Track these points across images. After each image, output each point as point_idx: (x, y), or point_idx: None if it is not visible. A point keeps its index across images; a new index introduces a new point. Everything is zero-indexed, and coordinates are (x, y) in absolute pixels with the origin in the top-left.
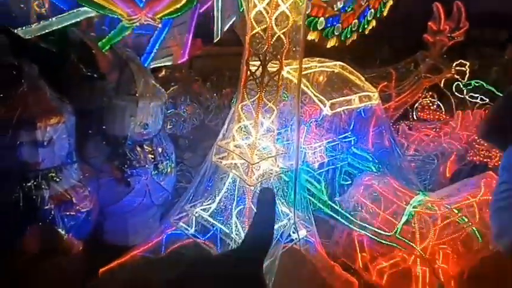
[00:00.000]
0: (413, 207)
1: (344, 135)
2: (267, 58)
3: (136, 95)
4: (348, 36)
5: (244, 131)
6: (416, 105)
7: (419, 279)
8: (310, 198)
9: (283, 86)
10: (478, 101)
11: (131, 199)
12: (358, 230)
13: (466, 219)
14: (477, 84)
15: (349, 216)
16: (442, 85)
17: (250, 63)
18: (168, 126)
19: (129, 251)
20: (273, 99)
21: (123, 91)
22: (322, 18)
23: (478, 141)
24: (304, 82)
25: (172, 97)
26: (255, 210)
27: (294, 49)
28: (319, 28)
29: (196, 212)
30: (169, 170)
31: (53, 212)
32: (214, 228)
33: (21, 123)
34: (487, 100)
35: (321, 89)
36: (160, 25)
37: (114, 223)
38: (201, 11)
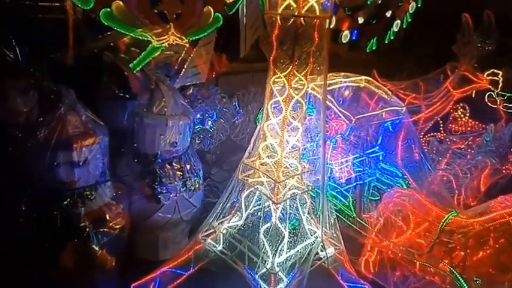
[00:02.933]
0: (446, 225)
1: (371, 150)
2: (292, 78)
3: (166, 114)
4: (374, 48)
5: (270, 149)
6: (448, 117)
7: None
8: (338, 214)
9: (308, 101)
10: None
11: (161, 215)
12: (388, 248)
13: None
14: (511, 94)
15: (378, 234)
16: (474, 96)
17: (275, 82)
18: (196, 142)
19: (159, 266)
20: (298, 117)
21: (153, 111)
22: (346, 31)
23: None
24: (328, 98)
25: (199, 114)
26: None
27: (318, 68)
28: (344, 41)
29: (224, 229)
30: (197, 186)
31: (87, 229)
32: (242, 245)
33: (58, 145)
34: None
35: (347, 104)
36: (187, 45)
37: (145, 239)
38: None
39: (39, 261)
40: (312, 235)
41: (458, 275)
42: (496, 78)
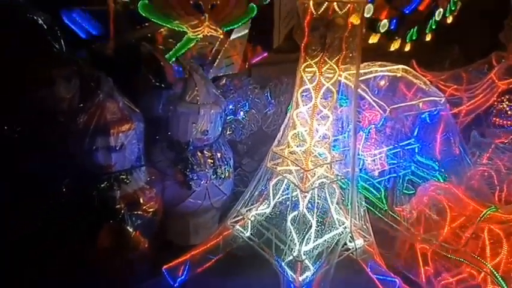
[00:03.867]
0: (484, 221)
1: (407, 141)
2: (323, 65)
3: (199, 103)
4: (414, 38)
5: (299, 138)
6: (491, 109)
7: None
8: (369, 207)
9: (342, 91)
10: None
11: (192, 201)
12: (421, 242)
13: None
14: None
15: (410, 228)
16: None
17: (306, 69)
18: (228, 132)
19: (190, 250)
20: (329, 105)
21: (186, 99)
22: (385, 20)
23: None
24: (362, 87)
25: (232, 104)
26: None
27: (350, 55)
28: (382, 31)
29: (252, 216)
30: (227, 174)
31: (122, 211)
32: (269, 232)
33: (97, 130)
34: None
35: (382, 94)
36: (222, 36)
37: (176, 223)
38: None
39: (78, 240)
40: (340, 225)
41: (494, 272)
42: None
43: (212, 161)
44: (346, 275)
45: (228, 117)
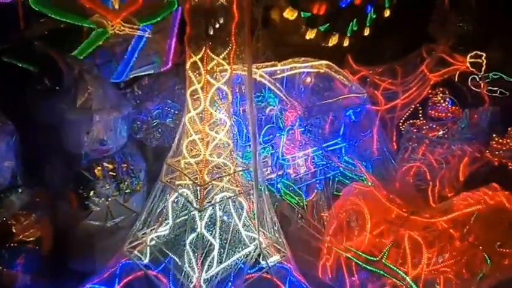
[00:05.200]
0: (404, 227)
1: (333, 141)
2: (209, 61)
3: (92, 108)
4: (352, 32)
5: (194, 147)
6: (428, 102)
7: None
8: (291, 214)
9: (267, 89)
10: (497, 94)
11: (93, 223)
12: (343, 252)
13: (469, 240)
14: (495, 77)
15: (332, 237)
16: (456, 79)
17: (193, 67)
18: (156, 136)
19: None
20: (225, 108)
21: (77, 105)
22: (322, 15)
23: (496, 140)
24: (277, 85)
25: (158, 107)
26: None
27: (241, 49)
28: (319, 26)
29: (150, 240)
30: (137, 188)
31: None
32: (167, 261)
33: None
34: (508, 93)
35: (310, 91)
36: (138, 32)
37: (78, 249)
38: None
39: None
40: (251, 243)
41: (413, 284)
42: (479, 60)
43: (114, 175)
44: None
45: (153, 121)
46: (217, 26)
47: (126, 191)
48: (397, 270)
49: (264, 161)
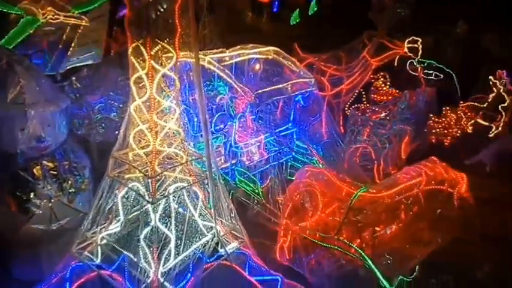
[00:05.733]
0: (355, 203)
1: (284, 127)
2: (153, 46)
3: (25, 102)
4: (297, 20)
5: (143, 138)
6: (370, 87)
7: (368, 280)
8: (247, 201)
9: (217, 77)
10: (432, 77)
11: (36, 227)
12: (298, 233)
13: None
14: (431, 62)
15: (288, 219)
16: (396, 64)
17: (136, 52)
18: (100, 131)
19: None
20: (172, 96)
21: (8, 99)
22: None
23: (432, 119)
24: (226, 72)
25: (102, 100)
26: None
27: (187, 32)
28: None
29: (101, 239)
30: (82, 186)
31: None
32: (121, 258)
33: None
34: (442, 76)
35: (259, 78)
36: (73, 19)
37: (21, 256)
38: None
39: None
40: (208, 232)
41: (366, 256)
42: (415, 45)
43: (56, 174)
44: (222, 285)
45: (96, 116)
46: (159, 7)
47: (70, 191)
48: (351, 245)
49: (217, 150)
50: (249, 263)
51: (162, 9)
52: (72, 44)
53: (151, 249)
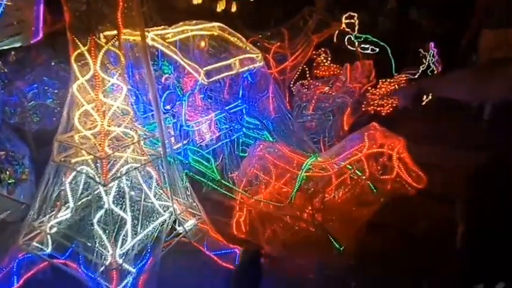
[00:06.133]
0: (306, 172)
1: (234, 104)
2: (96, 20)
3: None
4: None
5: (88, 118)
6: (313, 63)
7: (319, 244)
8: (202, 179)
9: (160, 55)
10: (369, 51)
11: None
12: (252, 205)
13: (359, 174)
14: (367, 36)
15: (244, 193)
16: (335, 40)
17: (77, 27)
18: (35, 119)
19: None
20: (118, 73)
21: None
22: None
23: (370, 91)
24: (171, 48)
25: (35, 86)
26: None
27: (129, 4)
28: None
29: (50, 227)
30: (22, 176)
31: None
32: (74, 245)
33: None
34: (377, 50)
35: (206, 56)
36: None
37: None
38: None
39: None
40: (165, 211)
41: (315, 221)
42: (352, 21)
43: None
44: (180, 263)
45: (30, 103)
46: None
47: (10, 182)
48: (303, 209)
49: (167, 131)
50: (208, 238)
51: None
52: None
53: (107, 232)
